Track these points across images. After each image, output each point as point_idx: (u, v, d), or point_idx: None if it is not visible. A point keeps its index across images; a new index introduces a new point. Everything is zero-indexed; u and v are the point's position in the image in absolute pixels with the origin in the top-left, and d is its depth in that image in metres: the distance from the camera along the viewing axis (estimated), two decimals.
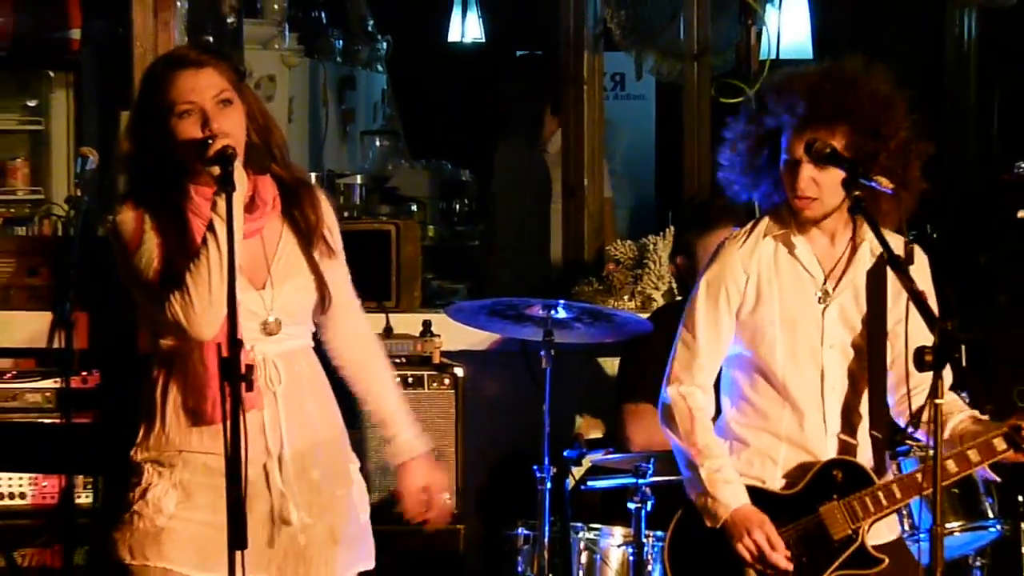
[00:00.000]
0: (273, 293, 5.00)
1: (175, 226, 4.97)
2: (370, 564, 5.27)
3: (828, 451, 5.43)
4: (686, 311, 5.59)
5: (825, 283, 5.46)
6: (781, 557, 5.32)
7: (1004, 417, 5.35)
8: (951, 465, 5.22)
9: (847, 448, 5.43)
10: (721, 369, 5.60)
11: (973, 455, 5.29)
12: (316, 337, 5.29)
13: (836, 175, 5.27)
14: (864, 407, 5.43)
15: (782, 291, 5.46)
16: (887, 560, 5.39)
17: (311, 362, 5.14)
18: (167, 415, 5.06)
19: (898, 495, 5.35)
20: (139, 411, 5.16)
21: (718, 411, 5.63)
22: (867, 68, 5.44)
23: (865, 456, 5.43)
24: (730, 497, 5.37)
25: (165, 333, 5.03)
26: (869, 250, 5.45)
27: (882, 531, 5.49)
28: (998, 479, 6.26)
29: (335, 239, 5.24)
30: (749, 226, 5.53)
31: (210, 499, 5.01)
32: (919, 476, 5.33)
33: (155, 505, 5.02)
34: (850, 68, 5.42)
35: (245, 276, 5.00)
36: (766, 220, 5.51)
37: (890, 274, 5.34)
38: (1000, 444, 5.30)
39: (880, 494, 5.35)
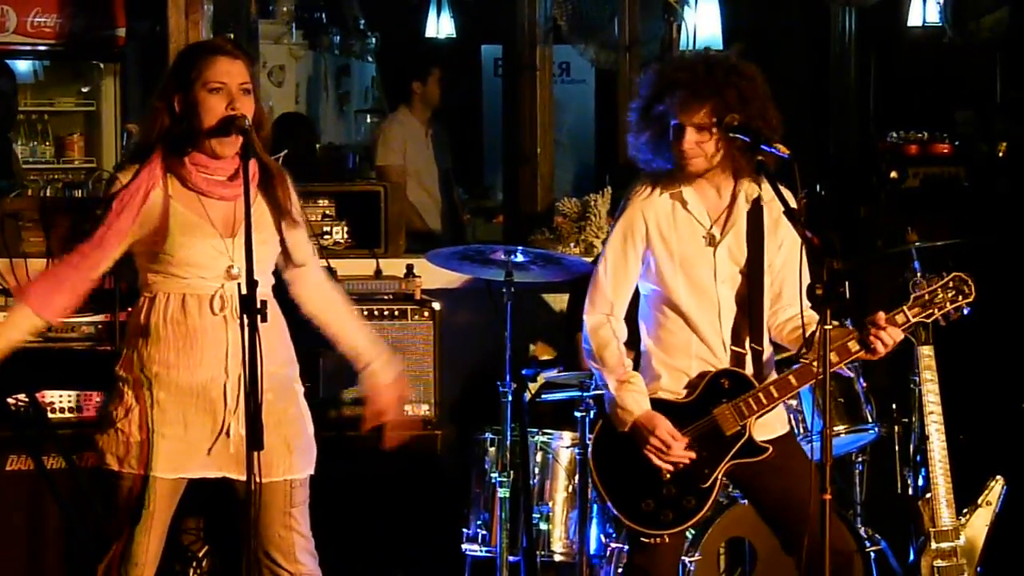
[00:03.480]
0: (236, 243, 4.99)
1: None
2: (309, 472, 5.22)
3: (726, 363, 5.43)
4: (601, 254, 5.58)
5: (712, 228, 5.42)
6: (681, 448, 5.31)
7: None
8: (816, 365, 5.21)
9: (739, 359, 5.42)
10: (641, 307, 5.57)
11: (833, 356, 5.28)
12: (287, 291, 5.31)
13: (713, 140, 5.29)
14: (748, 326, 5.42)
15: (679, 238, 5.42)
16: (771, 449, 5.39)
17: (272, 304, 5.03)
18: (149, 342, 5.07)
19: (775, 394, 5.35)
20: (125, 336, 5.20)
21: (639, 341, 5.60)
22: (736, 59, 5.46)
23: (750, 365, 5.42)
24: (633, 405, 5.35)
25: (152, 270, 5.07)
26: (745, 198, 5.42)
27: (773, 427, 5.48)
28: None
29: (297, 211, 5.25)
30: (650, 183, 5.49)
31: (180, 414, 5.04)
32: (792, 379, 5.35)
33: (136, 422, 5.04)
34: (715, 57, 5.46)
35: (219, 228, 5.04)
36: (664, 178, 5.47)
37: (766, 214, 5.39)
38: (854, 346, 5.30)
39: (761, 395, 5.34)
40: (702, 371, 5.43)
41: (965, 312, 5.37)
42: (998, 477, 6.51)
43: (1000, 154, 11.17)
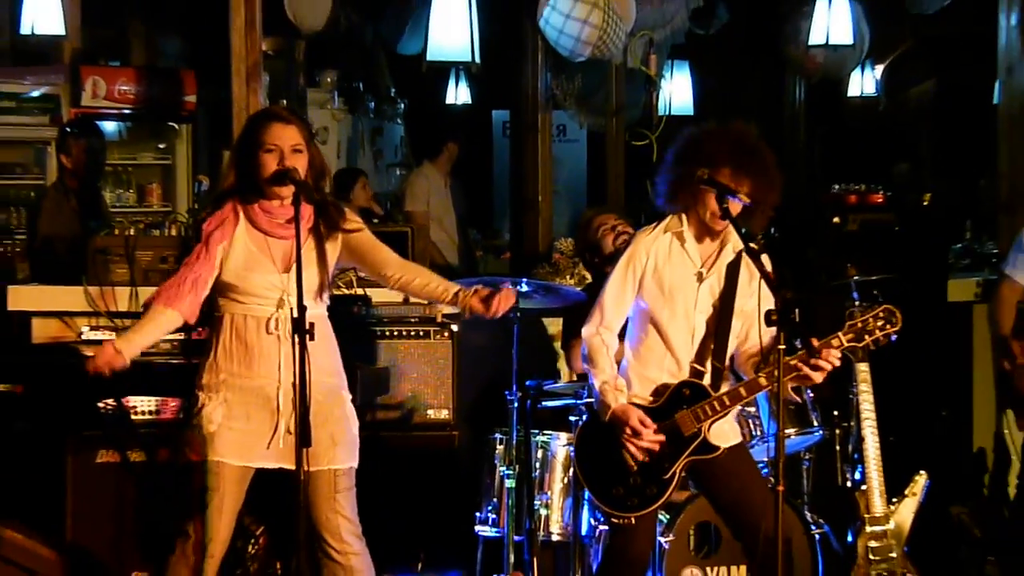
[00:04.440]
0: (291, 277, 5.05)
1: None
2: (356, 463, 5.26)
3: (685, 377, 5.45)
4: (607, 277, 5.59)
5: (701, 268, 5.45)
6: (650, 434, 5.34)
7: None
8: (763, 380, 5.26)
9: (699, 374, 5.43)
10: (626, 324, 5.60)
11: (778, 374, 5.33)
12: (381, 282, 5.48)
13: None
14: (713, 348, 5.43)
15: (672, 271, 5.44)
16: (722, 448, 5.40)
17: (322, 325, 5.14)
18: (218, 354, 5.15)
19: (727, 403, 5.35)
20: (201, 352, 5.26)
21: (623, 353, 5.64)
22: (752, 132, 5.47)
23: (708, 378, 5.43)
24: (612, 400, 5.38)
25: (223, 295, 5.17)
26: (732, 248, 5.45)
27: (728, 436, 5.49)
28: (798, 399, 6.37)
29: (365, 231, 5.37)
30: (656, 223, 5.51)
31: (244, 412, 5.12)
32: (742, 390, 5.36)
33: (207, 418, 5.11)
34: (747, 132, 5.44)
35: (277, 264, 5.15)
36: (668, 220, 5.49)
37: (743, 267, 5.41)
38: (796, 363, 5.26)
39: (715, 403, 5.35)
40: (667, 381, 5.46)
41: (892, 339, 5.39)
42: (922, 472, 6.52)
43: (925, 203, 11.22)
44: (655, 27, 8.90)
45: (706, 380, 5.42)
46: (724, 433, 5.47)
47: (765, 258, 5.26)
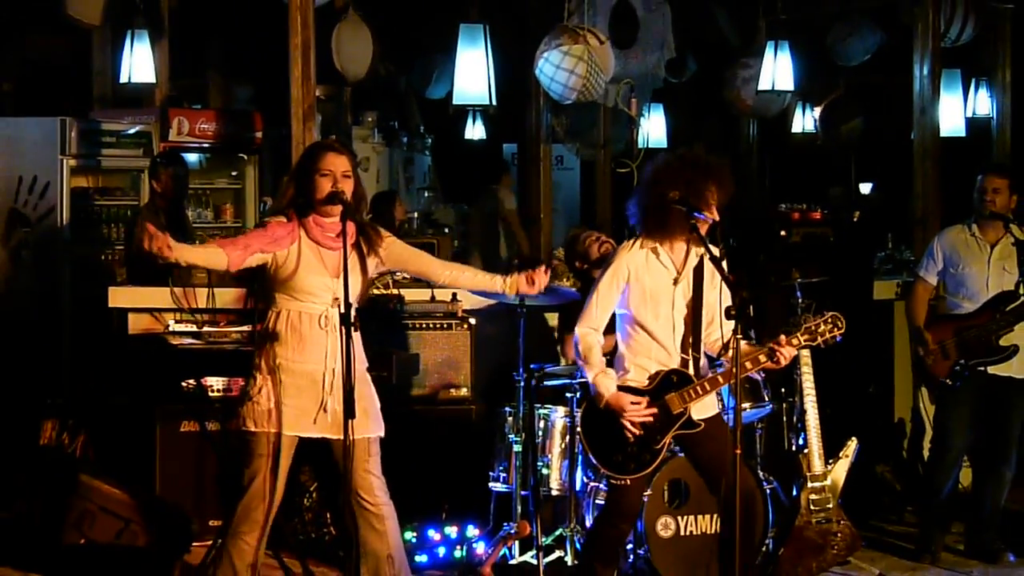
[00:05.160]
0: (339, 282, 4.99)
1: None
2: (380, 432, 5.20)
3: (675, 365, 5.42)
4: (593, 285, 5.55)
5: (676, 274, 5.42)
6: (642, 410, 5.34)
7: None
8: (734, 370, 5.21)
9: (684, 362, 5.41)
10: (617, 323, 5.54)
11: (749, 364, 5.30)
12: (432, 282, 5.48)
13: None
14: (691, 340, 5.41)
15: (651, 278, 5.41)
16: (704, 424, 5.39)
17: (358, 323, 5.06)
18: (275, 343, 5.08)
19: (708, 387, 5.36)
20: (259, 338, 5.20)
21: (616, 349, 5.59)
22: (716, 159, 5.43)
23: (691, 367, 5.42)
24: (604, 389, 5.36)
25: (281, 294, 5.10)
26: (695, 254, 5.42)
27: (707, 408, 5.48)
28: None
29: (400, 242, 5.34)
30: (633, 240, 5.46)
31: (296, 390, 5.06)
32: (719, 378, 5.37)
33: (266, 395, 5.05)
34: (712, 160, 5.40)
35: (329, 271, 5.09)
36: (642, 238, 5.45)
37: (705, 267, 5.38)
38: (763, 357, 5.32)
39: (698, 387, 5.35)
40: (658, 369, 5.42)
41: (838, 340, 5.39)
42: (853, 438, 6.49)
43: (854, 219, 11.19)
44: (637, 75, 8.87)
45: (689, 368, 5.41)
46: (705, 406, 5.46)
47: (724, 264, 5.27)
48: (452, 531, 6.68)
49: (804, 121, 12.72)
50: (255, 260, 5.06)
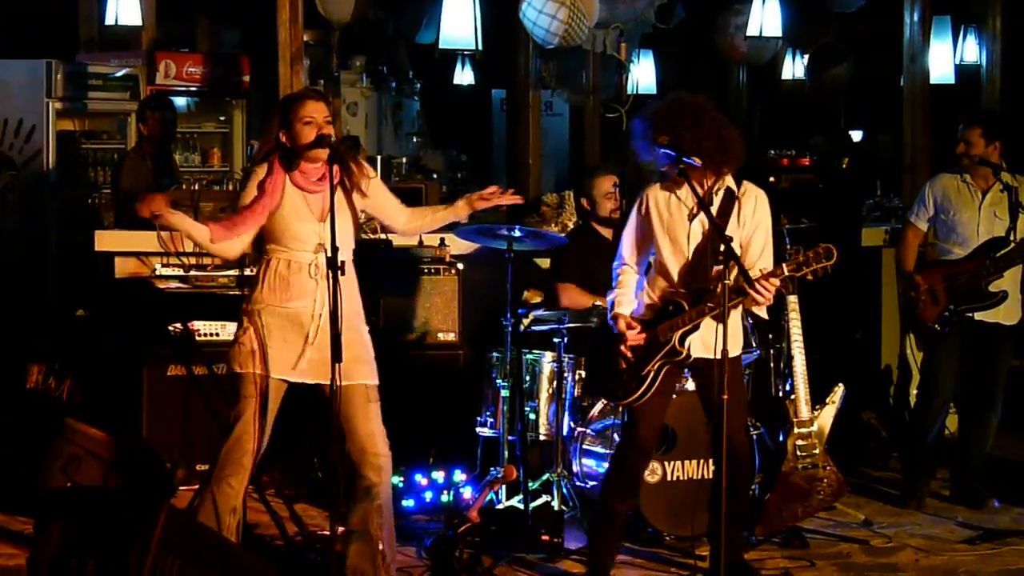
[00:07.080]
0: (326, 226, 4.94)
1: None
2: (376, 380, 5.16)
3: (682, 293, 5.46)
4: (627, 221, 5.62)
5: (692, 210, 5.38)
6: (633, 335, 5.42)
7: None
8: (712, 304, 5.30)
9: (696, 292, 5.40)
10: (646, 264, 5.58)
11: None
12: (397, 231, 5.49)
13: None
14: (701, 271, 5.39)
15: (670, 215, 5.43)
16: (685, 351, 5.41)
17: (349, 269, 4.99)
18: (264, 288, 5.04)
19: (694, 317, 5.35)
20: (248, 284, 5.19)
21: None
22: (700, 100, 5.44)
23: (696, 296, 5.40)
24: (618, 307, 5.48)
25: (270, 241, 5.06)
26: (713, 194, 5.41)
27: (698, 349, 5.45)
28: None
29: (376, 178, 5.32)
30: (656, 182, 5.48)
31: (282, 333, 5.02)
32: (704, 309, 5.34)
33: (251, 337, 5.02)
34: (691, 100, 5.41)
35: (315, 215, 5.05)
36: (665, 178, 5.45)
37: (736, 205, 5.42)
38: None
39: (685, 317, 5.37)
40: (663, 297, 5.46)
41: (828, 272, 5.32)
42: (840, 384, 6.47)
43: (843, 167, 11.15)
44: (626, 21, 8.78)
45: (693, 299, 5.40)
46: (696, 346, 5.44)
47: (759, 204, 5.45)
48: (439, 476, 6.66)
49: (794, 68, 12.62)
50: (248, 238, 5.07)
